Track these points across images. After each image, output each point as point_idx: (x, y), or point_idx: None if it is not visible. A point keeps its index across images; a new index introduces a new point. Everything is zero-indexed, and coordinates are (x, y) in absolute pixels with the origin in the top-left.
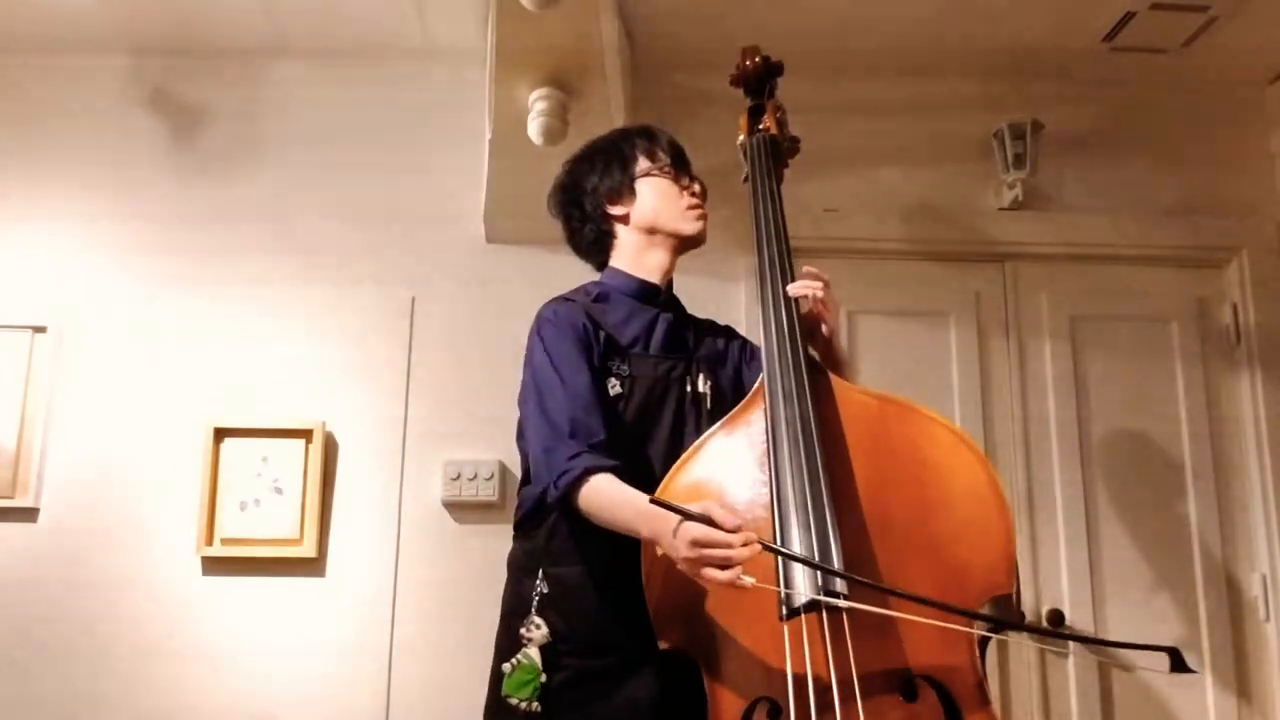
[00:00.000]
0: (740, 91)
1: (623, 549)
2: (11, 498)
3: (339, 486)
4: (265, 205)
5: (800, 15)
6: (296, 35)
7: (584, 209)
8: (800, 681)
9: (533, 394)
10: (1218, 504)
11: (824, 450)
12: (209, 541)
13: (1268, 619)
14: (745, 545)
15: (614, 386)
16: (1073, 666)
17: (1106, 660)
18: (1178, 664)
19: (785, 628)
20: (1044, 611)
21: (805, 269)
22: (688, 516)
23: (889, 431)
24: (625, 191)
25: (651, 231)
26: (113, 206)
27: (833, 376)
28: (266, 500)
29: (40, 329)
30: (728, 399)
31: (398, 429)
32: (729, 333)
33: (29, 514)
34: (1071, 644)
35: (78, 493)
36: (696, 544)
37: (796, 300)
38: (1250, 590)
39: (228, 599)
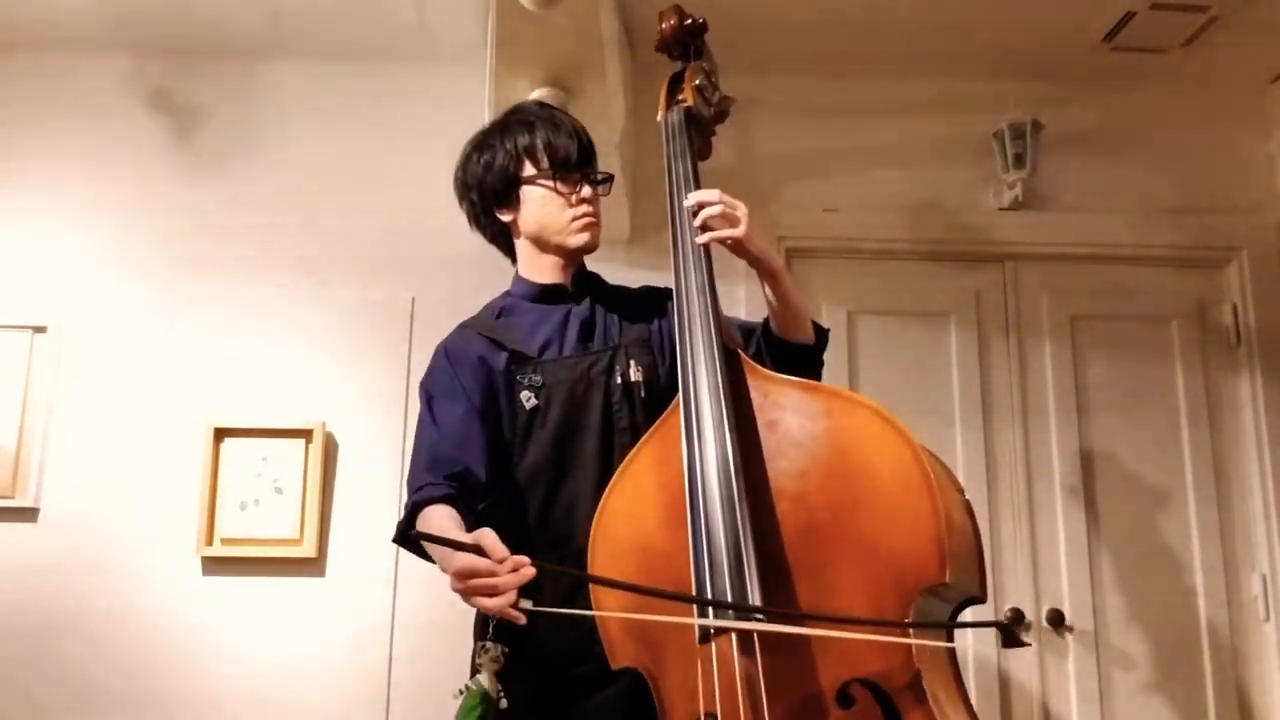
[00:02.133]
0: (668, 59)
1: (581, 567)
2: (11, 498)
3: (339, 486)
4: (265, 205)
5: (800, 15)
6: (296, 35)
7: (476, 206)
8: (724, 700)
9: (417, 431)
10: (1217, 504)
11: (741, 453)
12: (209, 541)
13: (1267, 619)
14: (515, 571)
15: (528, 400)
16: (1073, 666)
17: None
18: (1009, 639)
19: (699, 651)
20: (1044, 611)
21: (694, 200)
22: (457, 547)
23: (812, 422)
24: (509, 198)
25: (539, 241)
26: (113, 206)
27: (753, 368)
28: (266, 500)
29: (40, 329)
30: (662, 382)
31: (398, 429)
32: (663, 301)
33: (29, 514)
34: (1071, 642)
35: (78, 493)
36: (460, 575)
37: (705, 245)
38: (1250, 590)
39: (228, 599)
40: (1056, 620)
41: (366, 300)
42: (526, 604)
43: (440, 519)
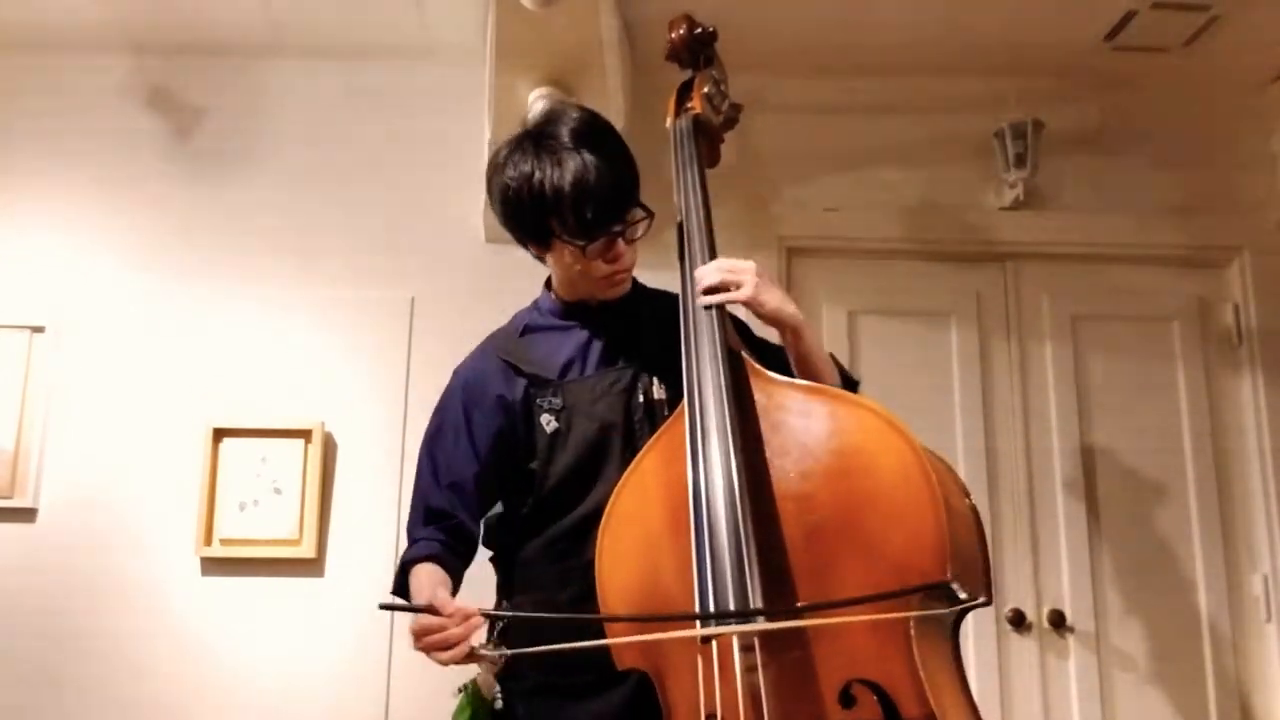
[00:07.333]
0: (677, 67)
1: (588, 579)
2: (10, 498)
3: (338, 486)
4: (265, 205)
5: (800, 15)
6: (296, 35)
7: (501, 218)
8: (725, 701)
9: (418, 465)
10: (1219, 504)
11: (745, 455)
12: (208, 542)
13: (1269, 619)
14: (465, 622)
15: (549, 423)
16: (1073, 666)
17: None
18: (952, 597)
19: (700, 651)
20: (1045, 611)
21: (705, 269)
22: (413, 610)
23: (815, 423)
24: (538, 241)
25: (564, 284)
26: (112, 206)
27: (757, 371)
28: (265, 500)
29: (39, 329)
30: None
31: (398, 429)
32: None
33: (27, 514)
34: (1072, 642)
35: (76, 493)
36: (416, 635)
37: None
38: (1252, 591)
39: (227, 599)
40: (1057, 621)
41: (366, 300)
42: (491, 653)
43: (423, 579)
